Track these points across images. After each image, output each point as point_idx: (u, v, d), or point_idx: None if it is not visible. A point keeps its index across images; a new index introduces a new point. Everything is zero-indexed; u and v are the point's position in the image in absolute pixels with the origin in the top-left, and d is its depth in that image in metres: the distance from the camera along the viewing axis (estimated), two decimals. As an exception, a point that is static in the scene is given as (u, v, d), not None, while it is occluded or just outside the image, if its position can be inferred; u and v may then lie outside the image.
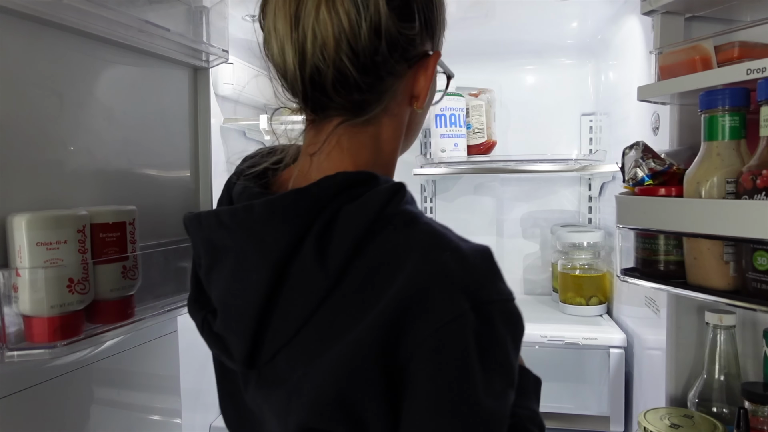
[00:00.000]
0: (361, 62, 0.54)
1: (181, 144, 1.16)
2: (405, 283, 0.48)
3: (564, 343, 1.41)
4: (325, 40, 0.53)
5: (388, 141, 0.61)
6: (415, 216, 0.53)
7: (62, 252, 0.77)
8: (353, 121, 0.58)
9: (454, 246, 0.51)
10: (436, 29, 0.60)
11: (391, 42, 0.54)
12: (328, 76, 0.54)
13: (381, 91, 0.57)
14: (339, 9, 0.53)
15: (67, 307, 0.77)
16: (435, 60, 0.60)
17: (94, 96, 0.93)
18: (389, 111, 0.59)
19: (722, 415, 0.90)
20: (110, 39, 0.93)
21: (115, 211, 0.87)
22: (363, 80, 0.55)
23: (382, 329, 0.48)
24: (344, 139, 0.59)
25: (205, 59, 1.20)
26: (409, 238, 0.51)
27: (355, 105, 0.57)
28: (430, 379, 0.47)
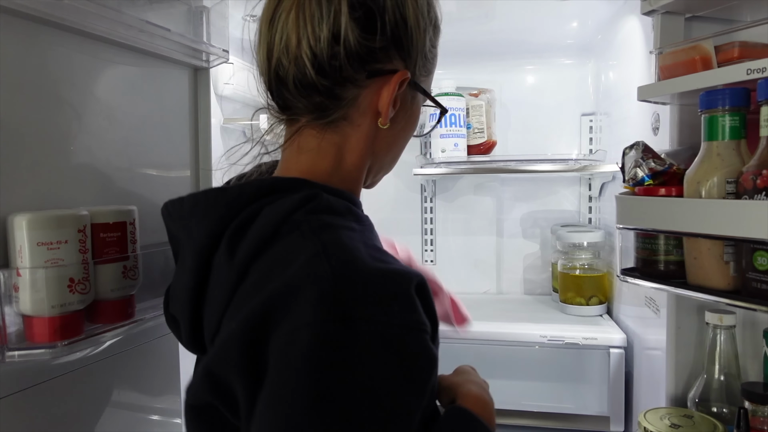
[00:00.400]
0: (319, 63, 0.58)
1: (181, 144, 1.16)
2: (281, 282, 0.51)
3: (564, 343, 1.41)
4: (289, 38, 0.58)
5: (351, 153, 0.63)
6: (327, 225, 0.55)
7: (63, 252, 0.77)
8: (315, 123, 0.62)
9: (348, 258, 0.51)
10: (411, 51, 0.62)
11: (349, 49, 0.58)
12: (290, 72, 0.59)
13: (340, 97, 0.60)
14: (306, 12, 0.58)
15: (68, 307, 0.77)
16: (399, 78, 0.61)
17: (95, 96, 0.93)
18: (353, 122, 0.62)
19: (722, 415, 0.90)
20: (111, 39, 0.93)
21: (116, 211, 0.87)
22: (321, 82, 0.59)
23: (250, 322, 0.50)
24: (306, 143, 0.63)
25: (205, 59, 1.20)
26: (307, 243, 0.53)
27: (315, 107, 0.60)
28: (273, 375, 0.49)
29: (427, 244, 1.93)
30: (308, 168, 0.63)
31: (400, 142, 0.68)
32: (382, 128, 0.62)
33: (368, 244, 0.56)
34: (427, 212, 1.92)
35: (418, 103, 0.68)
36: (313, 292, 0.49)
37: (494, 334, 1.46)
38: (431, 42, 0.65)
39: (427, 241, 1.93)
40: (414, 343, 0.50)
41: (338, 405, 0.46)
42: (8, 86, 0.77)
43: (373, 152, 0.65)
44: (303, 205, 0.56)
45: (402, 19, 0.60)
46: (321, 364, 0.47)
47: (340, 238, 0.54)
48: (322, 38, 0.57)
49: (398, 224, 1.92)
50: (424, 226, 1.92)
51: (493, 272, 1.90)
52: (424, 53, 0.64)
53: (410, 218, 1.92)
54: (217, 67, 1.39)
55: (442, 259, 1.93)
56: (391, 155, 0.69)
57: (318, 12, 0.57)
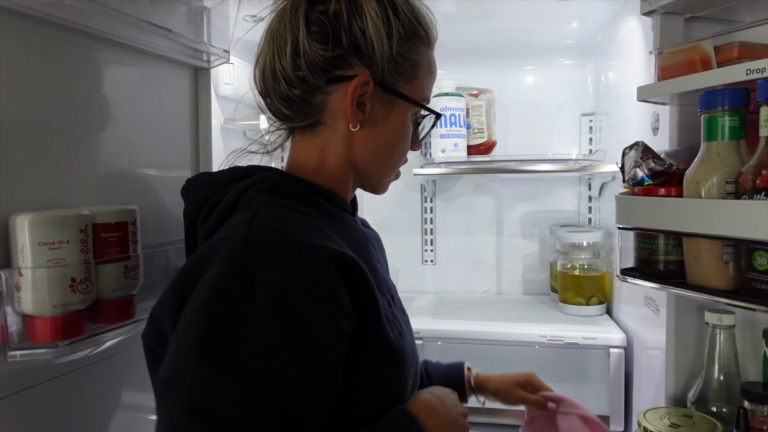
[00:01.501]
0: (288, 76, 0.67)
1: (182, 144, 1.16)
2: (210, 242, 0.59)
3: (564, 343, 1.41)
4: (266, 59, 0.69)
5: (332, 155, 0.70)
6: (271, 202, 0.63)
7: (65, 252, 0.77)
8: (300, 129, 0.71)
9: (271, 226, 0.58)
10: (374, 57, 0.67)
11: (308, 61, 0.66)
12: (271, 87, 0.69)
13: (310, 103, 0.68)
14: (275, 36, 0.68)
15: (70, 307, 0.77)
16: (356, 82, 0.66)
17: (96, 96, 0.93)
18: (329, 126, 0.69)
19: (722, 414, 0.90)
20: (112, 39, 0.94)
21: (117, 210, 0.87)
22: (292, 92, 0.67)
23: (183, 273, 0.59)
24: (296, 146, 0.72)
25: (206, 59, 1.20)
26: (245, 215, 0.60)
27: (297, 114, 0.69)
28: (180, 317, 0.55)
29: (427, 244, 1.93)
30: (295, 166, 0.71)
31: (384, 146, 0.72)
32: (355, 131, 0.68)
33: (312, 225, 0.61)
34: (427, 212, 1.92)
35: (402, 109, 0.71)
36: (225, 249, 0.56)
37: (494, 334, 1.46)
38: (403, 47, 0.68)
39: (427, 241, 1.93)
40: (310, 311, 0.54)
41: (218, 349, 0.51)
42: (9, 86, 0.77)
43: (353, 154, 0.71)
44: (255, 185, 0.65)
45: (360, 29, 0.66)
46: (212, 310, 0.52)
47: (275, 212, 0.61)
48: (287, 54, 0.66)
49: (398, 224, 1.92)
50: (424, 226, 1.93)
51: (492, 272, 1.90)
52: (393, 58, 0.67)
53: (410, 218, 1.92)
54: (217, 68, 1.39)
55: (442, 259, 1.93)
56: (381, 160, 0.73)
57: (283, 34, 0.67)
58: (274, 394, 0.51)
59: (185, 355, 0.51)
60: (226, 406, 0.49)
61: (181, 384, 0.50)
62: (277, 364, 0.51)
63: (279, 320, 0.52)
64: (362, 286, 0.60)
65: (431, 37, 0.72)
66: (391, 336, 0.64)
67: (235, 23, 1.24)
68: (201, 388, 0.50)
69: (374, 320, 0.62)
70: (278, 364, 0.51)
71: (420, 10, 0.71)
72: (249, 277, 0.53)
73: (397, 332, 0.66)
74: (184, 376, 0.51)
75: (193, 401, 0.49)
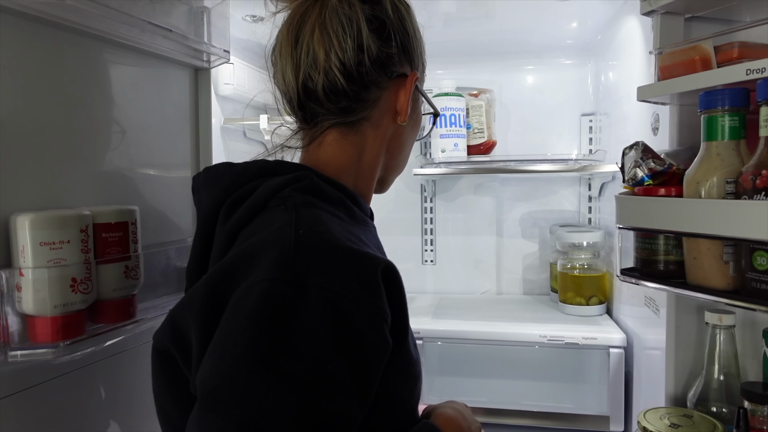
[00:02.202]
0: (348, 71, 0.65)
1: (182, 144, 1.16)
2: (250, 243, 0.56)
3: (564, 343, 1.41)
4: (316, 53, 0.65)
5: (369, 151, 0.70)
6: (310, 203, 0.60)
7: (65, 252, 0.77)
8: (339, 126, 0.69)
9: (317, 230, 0.56)
10: (413, 55, 0.71)
11: (372, 56, 0.66)
12: (319, 83, 0.66)
13: (365, 99, 0.68)
14: (329, 29, 0.65)
15: (70, 307, 0.77)
16: (412, 79, 0.70)
17: (96, 96, 0.93)
18: (374, 122, 0.69)
19: (722, 414, 0.90)
20: (112, 39, 0.94)
21: (118, 210, 0.87)
22: (350, 87, 0.66)
23: (217, 274, 0.55)
24: (329, 142, 0.69)
25: (206, 59, 1.20)
26: (285, 215, 0.58)
27: (342, 110, 0.68)
28: (223, 323, 0.52)
29: (427, 244, 1.93)
30: (326, 161, 0.69)
31: (409, 141, 0.76)
32: (398, 127, 0.71)
33: (350, 230, 0.59)
34: (427, 212, 1.92)
35: (420, 107, 0.77)
36: (274, 253, 0.53)
37: (494, 334, 1.46)
38: (423, 48, 0.74)
39: (427, 241, 1.93)
40: (363, 322, 0.52)
41: (271, 359, 0.49)
42: (10, 86, 0.77)
43: (388, 150, 0.73)
44: (292, 183, 0.62)
45: (404, 29, 0.69)
46: (265, 318, 0.50)
47: (318, 215, 0.59)
48: (348, 49, 0.65)
49: (398, 224, 1.92)
50: (424, 226, 1.93)
51: (492, 272, 1.90)
52: (423, 59, 0.74)
53: (410, 218, 1.92)
54: (218, 68, 1.39)
55: (441, 259, 1.93)
56: (404, 154, 0.76)
57: (341, 28, 0.65)
58: (328, 406, 0.49)
59: (236, 365, 0.49)
60: (280, 420, 0.47)
61: (231, 396, 0.48)
62: (330, 375, 0.50)
63: (333, 330, 0.51)
64: (399, 298, 0.59)
65: None
66: (411, 348, 0.63)
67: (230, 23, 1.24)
68: (254, 402, 0.47)
69: (404, 332, 0.60)
70: (331, 375, 0.50)
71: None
72: (302, 283, 0.51)
73: (413, 343, 0.65)
74: (234, 387, 0.48)
75: (245, 416, 0.47)
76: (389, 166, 0.75)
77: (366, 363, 0.52)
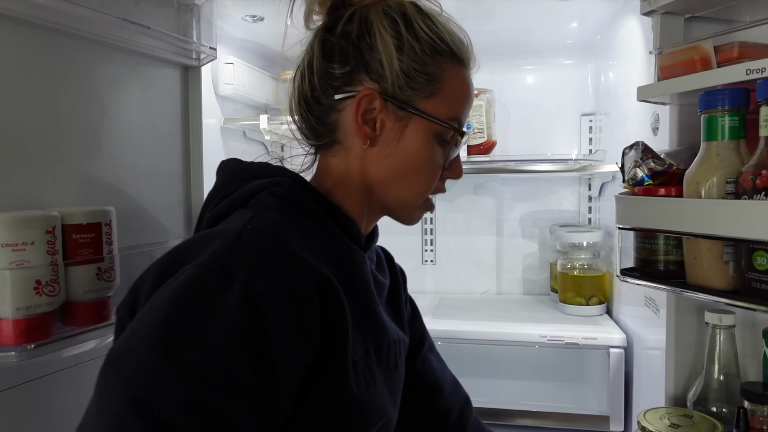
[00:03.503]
0: (307, 96, 0.69)
1: (171, 144, 1.15)
2: (204, 232, 0.59)
3: (564, 343, 1.41)
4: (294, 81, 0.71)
5: (348, 175, 0.69)
6: (277, 207, 0.61)
7: (29, 253, 0.75)
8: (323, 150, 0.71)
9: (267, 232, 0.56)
10: (383, 72, 0.65)
11: (321, 79, 0.67)
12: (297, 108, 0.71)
13: (326, 123, 0.69)
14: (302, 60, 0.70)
15: (35, 309, 0.76)
16: (360, 96, 0.65)
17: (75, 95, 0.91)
18: (344, 145, 0.69)
19: (722, 414, 0.90)
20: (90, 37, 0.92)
21: (89, 211, 0.85)
22: (311, 112, 0.69)
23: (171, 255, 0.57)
24: (318, 165, 0.73)
25: (195, 57, 1.19)
26: (248, 213, 0.59)
27: (314, 134, 0.71)
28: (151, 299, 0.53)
29: (427, 244, 1.93)
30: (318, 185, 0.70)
31: (401, 166, 0.68)
32: (368, 149, 0.67)
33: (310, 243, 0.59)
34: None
35: (418, 126, 0.67)
36: (216, 244, 0.54)
37: (494, 334, 1.46)
38: (417, 61, 0.66)
39: (427, 241, 1.93)
40: (280, 331, 0.50)
41: (175, 342, 0.48)
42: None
43: (369, 175, 0.69)
44: (271, 186, 0.63)
45: (368, 45, 0.65)
46: (181, 300, 0.50)
47: (279, 218, 0.59)
48: (305, 77, 0.69)
49: (398, 224, 1.91)
50: (424, 226, 1.93)
51: (492, 272, 1.90)
52: (404, 72, 0.65)
53: (410, 218, 1.92)
54: (218, 68, 1.39)
55: (442, 259, 1.93)
56: (399, 181, 0.69)
57: (306, 58, 0.69)
58: (221, 406, 0.47)
59: (141, 340, 0.48)
60: (167, 405, 0.46)
61: (129, 368, 0.47)
62: (232, 373, 0.48)
63: (247, 330, 0.49)
64: (336, 323, 0.57)
65: (458, 53, 0.70)
66: (353, 385, 0.60)
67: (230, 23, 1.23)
68: (147, 379, 0.46)
69: (338, 363, 0.58)
70: (234, 373, 0.48)
71: (445, 26, 0.70)
72: (227, 274, 0.51)
73: (363, 384, 0.62)
74: (133, 361, 0.47)
75: (135, 390, 0.46)
76: (384, 194, 0.70)
77: (274, 375, 0.50)
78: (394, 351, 0.72)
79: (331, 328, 0.56)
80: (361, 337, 0.64)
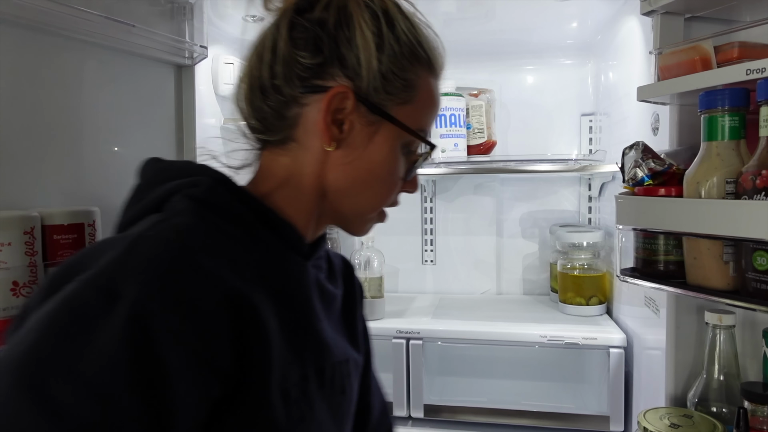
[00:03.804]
0: (264, 84, 0.61)
1: (163, 143, 1.14)
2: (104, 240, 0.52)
3: (564, 343, 1.41)
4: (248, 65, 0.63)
5: (299, 177, 0.62)
6: (189, 211, 0.54)
7: (5, 254, 0.74)
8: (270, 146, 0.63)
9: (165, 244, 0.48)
10: (359, 70, 0.59)
11: (285, 67, 0.59)
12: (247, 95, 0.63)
13: (284, 116, 0.61)
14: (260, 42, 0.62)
15: (12, 311, 0.74)
16: (332, 93, 0.58)
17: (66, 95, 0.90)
18: (302, 143, 0.61)
19: (722, 414, 0.90)
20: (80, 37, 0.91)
21: (71, 212, 0.84)
22: (266, 102, 0.61)
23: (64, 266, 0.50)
24: (261, 163, 0.64)
25: (188, 56, 1.18)
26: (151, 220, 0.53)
27: (266, 128, 0.62)
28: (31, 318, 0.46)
29: (427, 244, 1.93)
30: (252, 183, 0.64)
31: (362, 174, 0.62)
32: (330, 151, 0.60)
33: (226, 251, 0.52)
34: (427, 212, 1.92)
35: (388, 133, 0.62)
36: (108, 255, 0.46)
37: (494, 334, 1.46)
38: (395, 64, 0.60)
39: (427, 241, 1.93)
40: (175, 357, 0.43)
41: (43, 376, 0.40)
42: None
43: (325, 179, 0.62)
44: (186, 188, 0.57)
45: (346, 38, 0.59)
46: (55, 325, 0.42)
47: (191, 224, 0.52)
48: (266, 61, 0.60)
49: (398, 224, 1.92)
50: (424, 226, 1.93)
51: (492, 272, 1.90)
52: (381, 73, 0.59)
53: (410, 218, 1.92)
54: (218, 68, 1.39)
55: (442, 259, 1.93)
56: (357, 190, 0.63)
57: (268, 40, 0.61)
58: None
59: (5, 371, 0.40)
60: None
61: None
62: (113, 413, 0.40)
63: (130, 356, 0.41)
64: (254, 346, 0.49)
65: (433, 62, 0.65)
66: (280, 419, 0.52)
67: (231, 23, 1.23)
68: (4, 420, 0.39)
69: (257, 393, 0.50)
70: (114, 414, 0.40)
71: (424, 32, 0.64)
72: (114, 292, 0.43)
73: (297, 415, 0.54)
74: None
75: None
76: (339, 202, 0.64)
77: (168, 413, 0.42)
78: (341, 373, 0.64)
79: (247, 353, 0.48)
80: (297, 359, 0.56)
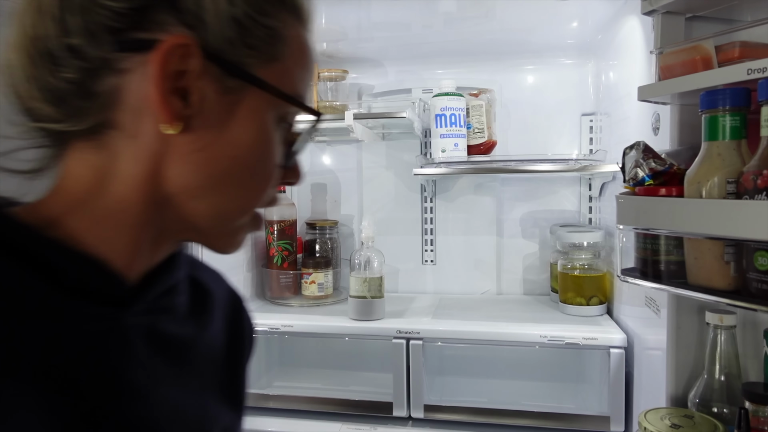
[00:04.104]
0: (52, 47, 0.41)
1: None
2: None
3: (564, 343, 1.41)
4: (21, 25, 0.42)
5: (119, 181, 0.43)
6: None
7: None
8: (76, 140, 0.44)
9: None
10: (202, 12, 0.41)
11: (85, 18, 0.40)
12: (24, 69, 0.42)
13: (91, 92, 0.42)
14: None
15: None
16: (166, 48, 0.40)
17: None
18: (126, 130, 0.43)
19: (723, 415, 0.90)
20: None
21: None
22: (61, 74, 0.41)
23: None
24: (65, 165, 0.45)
25: None
26: None
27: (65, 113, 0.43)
28: None
29: (427, 244, 1.93)
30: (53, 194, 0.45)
31: (224, 163, 0.44)
32: (171, 135, 0.42)
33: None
34: (427, 212, 1.92)
35: (256, 103, 0.45)
36: None
37: (494, 334, 1.46)
38: (253, 6, 0.43)
39: (427, 241, 1.93)
40: None
41: None
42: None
43: (164, 180, 0.44)
44: None
45: None
46: None
47: None
48: (52, 14, 0.41)
49: (398, 224, 1.91)
50: (424, 226, 1.92)
51: (493, 272, 1.90)
52: (235, 18, 0.42)
53: (410, 218, 1.92)
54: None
55: (442, 259, 1.92)
56: (217, 188, 0.45)
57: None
58: None
59: None
60: None
61: None
62: None
63: None
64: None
65: (300, 7, 0.48)
66: None
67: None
68: None
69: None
70: None
71: None
72: None
73: None
74: None
75: None
76: (190, 211, 0.45)
77: None
78: None
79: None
80: None
